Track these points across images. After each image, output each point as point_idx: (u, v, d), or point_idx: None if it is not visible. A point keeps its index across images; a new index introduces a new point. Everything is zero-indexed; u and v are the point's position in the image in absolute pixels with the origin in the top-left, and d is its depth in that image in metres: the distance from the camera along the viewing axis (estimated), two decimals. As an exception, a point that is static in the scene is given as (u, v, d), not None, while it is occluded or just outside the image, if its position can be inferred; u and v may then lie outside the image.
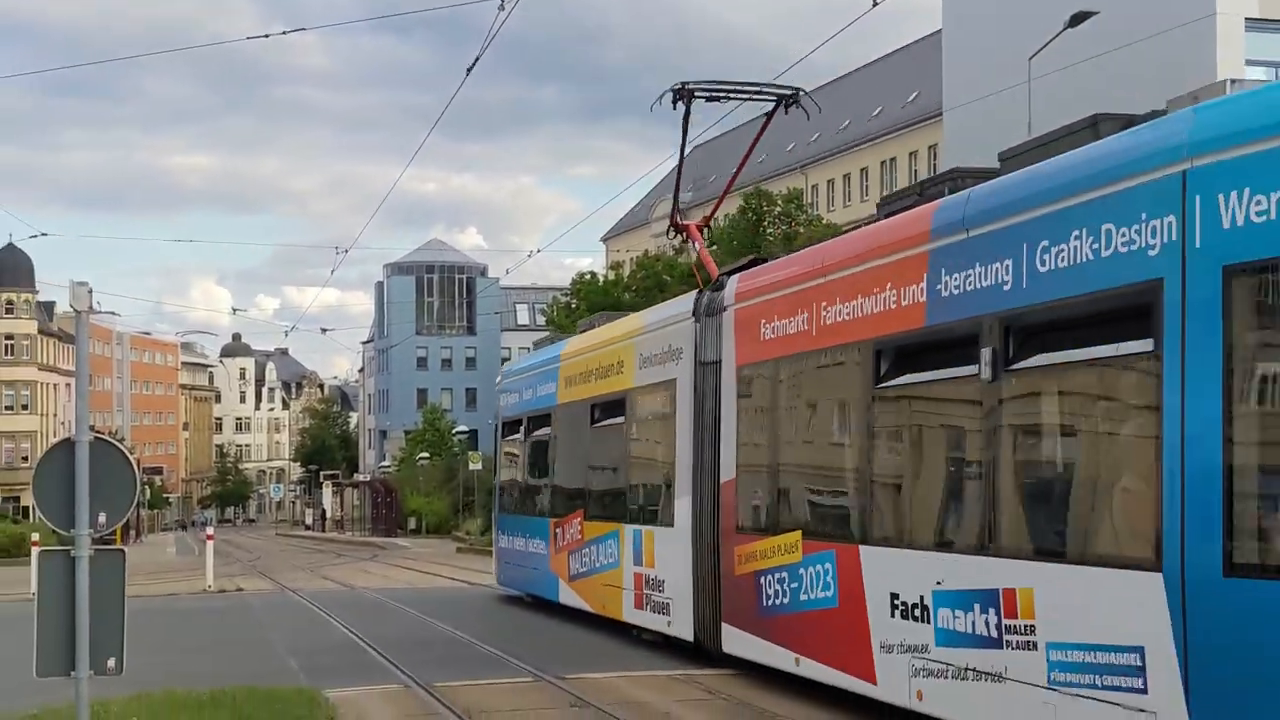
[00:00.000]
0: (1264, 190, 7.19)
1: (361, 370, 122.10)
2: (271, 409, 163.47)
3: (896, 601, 10.45)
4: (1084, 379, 8.83)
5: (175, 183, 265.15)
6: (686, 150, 17.92)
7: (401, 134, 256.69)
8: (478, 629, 18.37)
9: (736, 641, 13.60)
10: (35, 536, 31.32)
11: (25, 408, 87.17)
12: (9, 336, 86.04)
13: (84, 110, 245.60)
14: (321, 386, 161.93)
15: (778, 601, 12.55)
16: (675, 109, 16.75)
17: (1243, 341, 7.40)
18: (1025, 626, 8.90)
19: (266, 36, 20.32)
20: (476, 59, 19.45)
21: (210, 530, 33.12)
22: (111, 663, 9.79)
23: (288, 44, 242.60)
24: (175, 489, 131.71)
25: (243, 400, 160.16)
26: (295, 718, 10.95)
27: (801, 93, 17.30)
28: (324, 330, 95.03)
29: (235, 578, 32.38)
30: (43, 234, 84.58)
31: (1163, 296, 7.78)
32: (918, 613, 10.16)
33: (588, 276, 52.88)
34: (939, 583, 9.89)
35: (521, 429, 22.44)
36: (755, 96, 17.78)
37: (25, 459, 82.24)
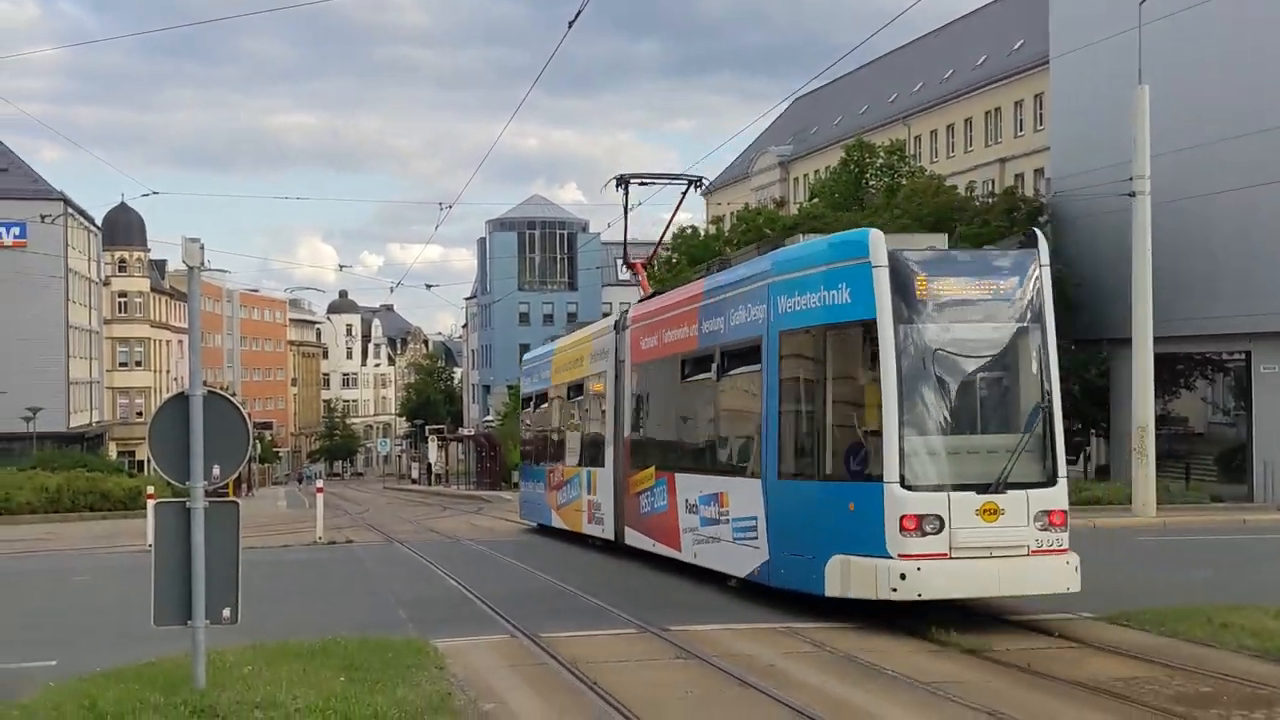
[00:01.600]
0: (790, 297, 15.02)
1: (465, 325, 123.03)
2: (377, 364, 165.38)
3: (687, 504, 18.26)
4: (743, 383, 16.58)
5: (279, 142, 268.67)
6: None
7: (500, 90, 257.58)
8: (581, 581, 18.53)
9: (631, 537, 21.23)
10: (150, 489, 32.06)
11: (139, 364, 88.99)
12: (122, 294, 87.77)
13: (189, 71, 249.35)
14: (426, 342, 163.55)
15: (646, 510, 20.37)
16: (618, 190, 25.23)
17: (786, 368, 15.16)
18: (725, 511, 16.79)
19: (368, -5, 20.37)
20: (579, 13, 19.40)
21: (320, 484, 33.65)
22: (227, 612, 10.03)
23: (386, 3, 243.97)
24: (285, 444, 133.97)
25: (349, 356, 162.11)
26: (405, 667, 11.12)
27: (704, 179, 25.64)
28: (428, 286, 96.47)
29: (344, 530, 32.88)
30: (154, 193, 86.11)
31: (761, 344, 15.62)
32: (694, 509, 17.96)
33: (688, 231, 52.66)
34: (700, 491, 17.74)
35: (532, 403, 31.43)
36: (672, 182, 26.12)
37: (139, 414, 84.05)
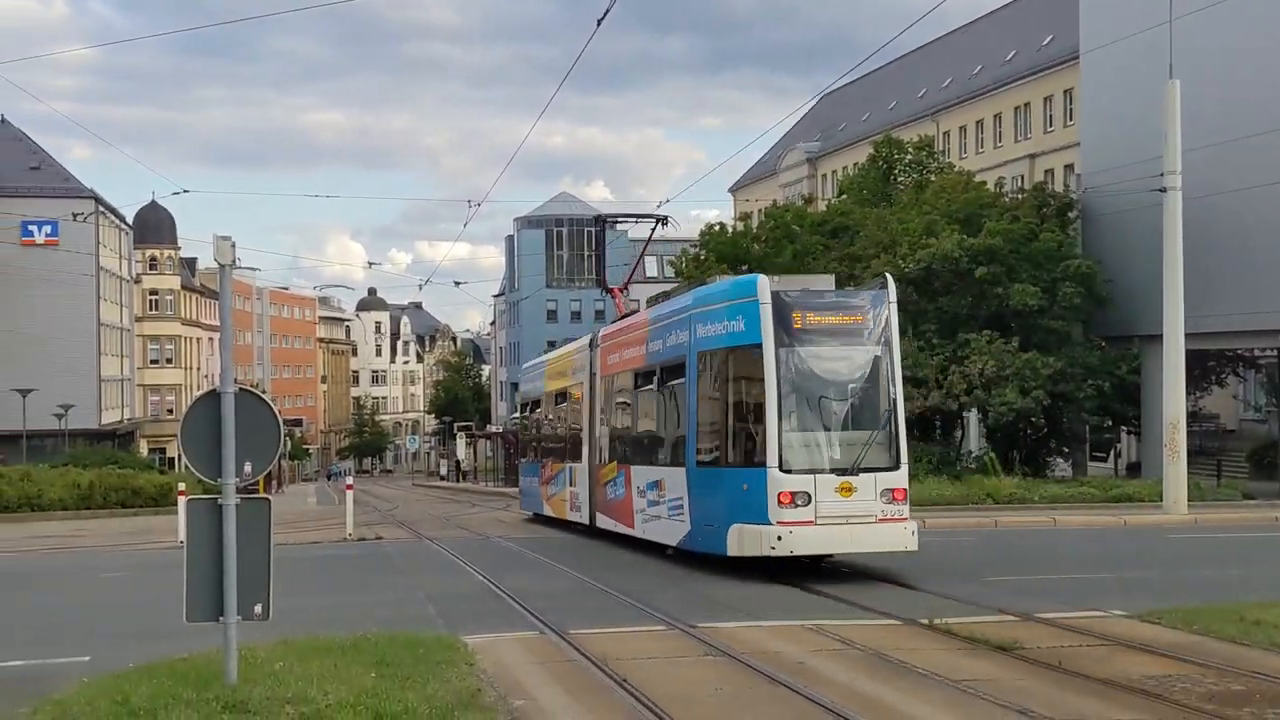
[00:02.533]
0: (704, 325, 18.95)
1: (493, 323, 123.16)
2: (406, 362, 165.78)
3: (638, 490, 22.12)
4: (675, 392, 20.36)
5: (309, 140, 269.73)
6: None
7: (528, 88, 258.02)
8: (610, 578, 18.56)
9: (601, 521, 25.04)
10: (181, 486, 32.20)
11: (170, 361, 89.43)
12: (153, 292, 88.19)
13: (219, 69, 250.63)
14: (454, 339, 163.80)
15: (611, 497, 24.22)
16: (596, 229, 31.03)
17: (702, 380, 19.06)
18: (663, 495, 20.63)
19: (396, -8, 20.49)
20: (607, 11, 19.38)
21: (350, 480, 33.73)
22: (258, 608, 10.06)
23: (416, 0, 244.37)
24: (314, 441, 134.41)
25: (378, 353, 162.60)
26: (435, 663, 11.15)
27: (668, 218, 30.33)
28: (457, 283, 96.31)
29: (374, 526, 32.93)
30: (184, 191, 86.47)
31: (685, 361, 19.54)
32: (643, 494, 21.83)
33: (716, 228, 52.52)
34: (647, 479, 21.58)
35: (528, 408, 35.69)
36: (641, 220, 31.59)
37: (170, 411, 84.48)
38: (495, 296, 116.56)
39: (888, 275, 19.22)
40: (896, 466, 17.75)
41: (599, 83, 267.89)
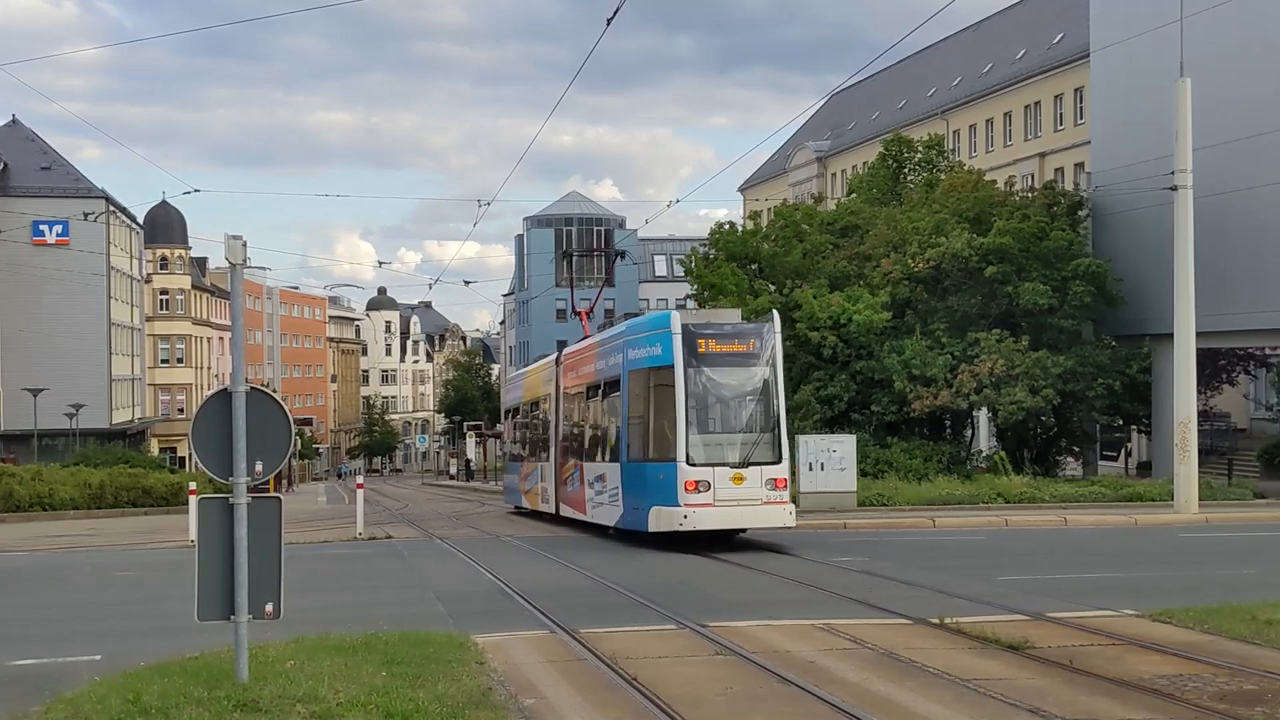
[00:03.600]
0: (634, 350, 24.12)
1: (502, 322, 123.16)
2: (416, 361, 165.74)
3: (588, 482, 26.59)
4: (613, 403, 25.13)
5: (317, 139, 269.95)
6: None
7: (537, 86, 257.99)
8: (621, 576, 18.55)
9: (564, 510, 29.39)
10: (192, 485, 32.22)
11: (180, 361, 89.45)
12: (164, 292, 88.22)
13: (229, 69, 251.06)
14: (464, 338, 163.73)
15: (570, 490, 28.59)
16: (563, 261, 52.94)
17: (632, 394, 24.00)
18: (605, 485, 25.42)
19: (407, -8, 20.48)
20: (617, 9, 19.39)
21: (360, 479, 33.75)
22: (269, 607, 10.07)
23: (424, 0, 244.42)
24: (324, 440, 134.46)
25: (388, 353, 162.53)
26: (445, 662, 11.16)
27: (626, 252, 51.85)
28: (467, 283, 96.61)
29: (384, 525, 32.95)
30: (194, 190, 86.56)
31: (620, 378, 24.53)
32: (592, 485, 26.30)
33: (726, 227, 52.46)
34: (595, 474, 25.98)
35: (509, 415, 40.86)
36: (606, 252, 56.84)
37: (181, 410, 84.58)
38: (505, 295, 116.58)
39: (774, 311, 24.69)
40: (779, 461, 22.44)
41: (608, 82, 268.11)
